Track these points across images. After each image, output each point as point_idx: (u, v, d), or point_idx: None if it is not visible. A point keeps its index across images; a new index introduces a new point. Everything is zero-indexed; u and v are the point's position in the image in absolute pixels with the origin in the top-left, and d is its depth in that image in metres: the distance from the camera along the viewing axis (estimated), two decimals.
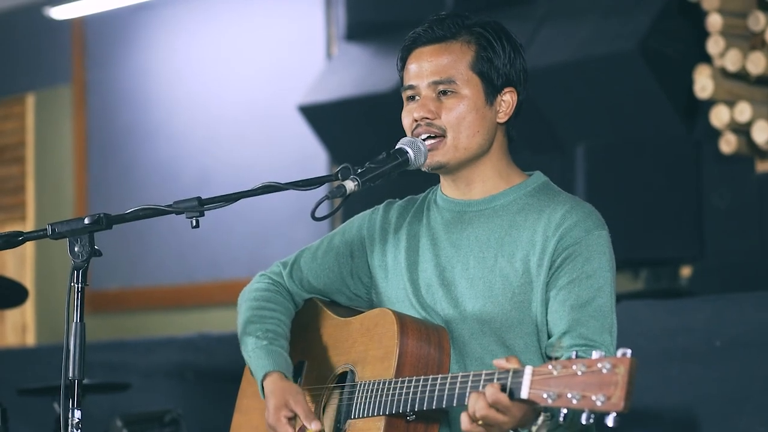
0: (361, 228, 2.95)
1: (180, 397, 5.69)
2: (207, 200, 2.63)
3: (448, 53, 2.76)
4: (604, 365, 2.20)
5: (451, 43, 2.77)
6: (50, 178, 8.34)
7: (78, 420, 2.55)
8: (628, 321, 4.23)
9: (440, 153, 2.75)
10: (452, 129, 2.74)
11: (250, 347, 2.85)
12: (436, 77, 2.75)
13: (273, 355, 2.82)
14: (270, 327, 2.88)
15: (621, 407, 2.17)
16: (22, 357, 6.67)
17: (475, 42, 2.77)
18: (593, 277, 2.68)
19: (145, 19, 7.86)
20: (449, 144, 2.74)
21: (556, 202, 2.76)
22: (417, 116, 2.75)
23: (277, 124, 7.26)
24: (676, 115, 5.25)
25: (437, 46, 2.77)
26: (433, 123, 2.75)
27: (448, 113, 2.74)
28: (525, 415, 2.36)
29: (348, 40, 6.46)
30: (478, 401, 2.36)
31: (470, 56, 2.76)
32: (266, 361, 2.81)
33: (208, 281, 7.54)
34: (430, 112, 2.75)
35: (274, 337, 2.86)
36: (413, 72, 2.78)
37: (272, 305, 2.94)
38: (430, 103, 2.75)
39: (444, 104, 2.75)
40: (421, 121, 2.75)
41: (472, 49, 2.76)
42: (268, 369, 2.79)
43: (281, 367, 2.80)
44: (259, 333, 2.86)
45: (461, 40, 2.77)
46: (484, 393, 2.35)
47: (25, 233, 2.67)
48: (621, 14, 5.31)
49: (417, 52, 2.80)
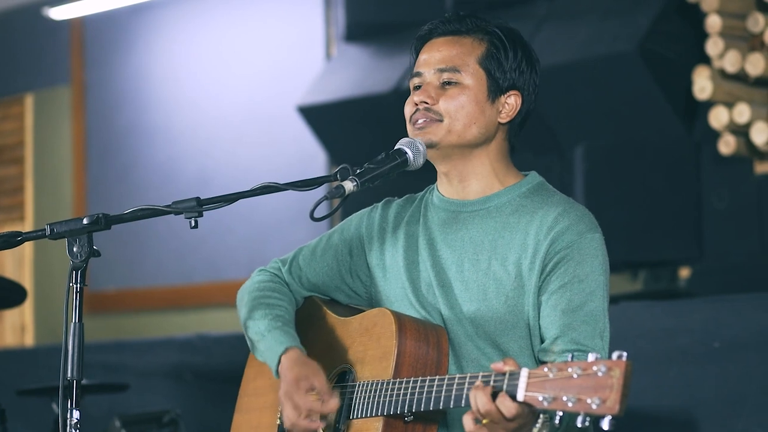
0: (360, 226, 2.95)
1: (178, 397, 5.69)
2: (206, 200, 2.63)
3: (459, 45, 2.79)
4: (599, 368, 2.20)
5: (464, 38, 2.80)
6: (49, 178, 8.34)
7: (76, 420, 2.55)
8: (627, 322, 4.23)
9: (432, 132, 2.75)
10: (449, 116, 2.75)
11: (264, 328, 2.82)
12: (442, 65, 2.77)
13: (290, 336, 2.81)
14: (279, 313, 2.87)
15: (616, 410, 2.17)
16: (20, 357, 6.67)
17: (488, 41, 2.79)
18: (585, 281, 2.67)
19: (145, 20, 7.86)
20: (443, 127, 2.75)
21: (550, 204, 2.76)
22: (417, 100, 2.76)
23: (277, 124, 7.26)
24: (675, 116, 5.26)
25: (450, 38, 2.80)
26: (431, 108, 2.76)
27: (448, 101, 2.75)
28: (523, 417, 2.36)
29: (347, 40, 6.46)
30: (479, 396, 2.36)
31: (480, 51, 2.78)
32: (285, 338, 2.79)
33: (206, 282, 7.54)
34: (430, 97, 2.76)
35: (286, 323, 2.85)
36: (423, 60, 2.81)
37: (277, 295, 2.94)
38: (432, 90, 2.77)
39: (446, 92, 2.76)
40: (420, 105, 2.76)
41: (484, 45, 2.79)
42: (288, 344, 2.77)
43: (300, 346, 2.79)
44: (270, 317, 2.85)
45: (474, 36, 2.80)
46: (481, 386, 2.35)
47: (24, 233, 2.67)
48: (620, 15, 5.32)
49: (430, 43, 2.82)
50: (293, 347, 2.77)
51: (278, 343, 2.78)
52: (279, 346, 2.78)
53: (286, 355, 2.76)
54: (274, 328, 2.82)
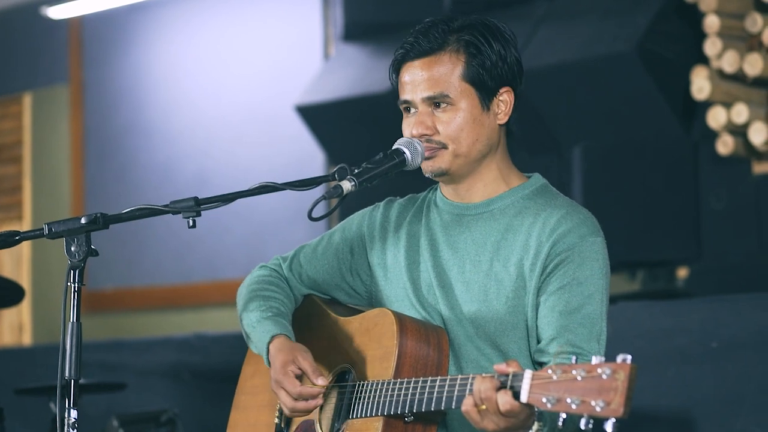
0: (361, 225, 2.95)
1: (176, 397, 5.69)
2: (204, 200, 2.63)
3: (438, 65, 2.74)
4: (604, 371, 2.19)
5: (440, 55, 2.74)
6: (47, 177, 8.34)
7: (74, 420, 2.55)
8: (625, 322, 4.23)
9: (441, 160, 2.74)
10: (452, 141, 2.73)
11: (255, 319, 2.85)
12: (429, 92, 2.73)
13: (279, 324, 2.83)
14: (274, 305, 2.89)
15: (620, 413, 2.16)
16: (18, 357, 6.66)
17: (464, 50, 2.74)
18: (584, 284, 2.67)
19: (143, 19, 7.86)
20: (450, 153, 2.74)
21: (553, 206, 2.76)
22: (416, 133, 2.73)
23: (275, 124, 7.26)
24: (673, 117, 5.26)
25: (426, 60, 2.74)
26: (432, 139, 2.74)
27: (446, 127, 2.73)
28: (517, 418, 2.36)
29: (345, 40, 6.46)
30: (484, 383, 2.36)
31: (461, 66, 2.73)
32: (273, 327, 2.81)
33: (204, 281, 7.54)
34: (428, 128, 2.73)
35: (278, 314, 2.87)
36: (407, 86, 2.76)
37: (275, 288, 2.95)
38: (427, 119, 2.74)
39: (440, 118, 2.73)
40: (421, 139, 2.74)
41: (462, 59, 2.73)
42: (275, 332, 2.79)
43: (288, 333, 2.81)
44: (263, 308, 2.87)
45: (449, 50, 2.74)
46: (491, 376, 2.36)
47: (22, 233, 2.67)
48: (619, 15, 5.31)
49: (407, 66, 2.77)
50: (279, 335, 2.79)
51: (266, 333, 2.81)
52: (266, 335, 2.80)
53: (272, 343, 2.78)
54: (264, 318, 2.84)
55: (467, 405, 2.40)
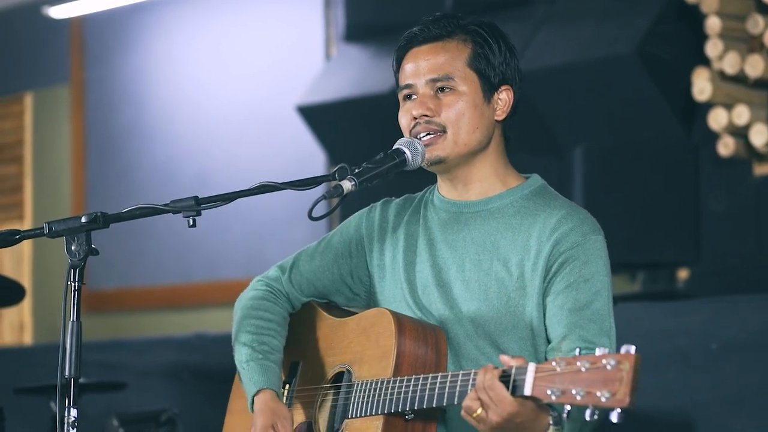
0: (359, 227, 2.94)
1: (176, 396, 5.69)
2: (204, 199, 2.63)
3: (445, 51, 2.76)
4: (608, 362, 2.20)
5: (448, 42, 2.77)
6: (48, 177, 8.34)
7: (74, 419, 2.55)
8: (625, 323, 4.21)
9: (439, 147, 2.74)
10: (452, 125, 2.74)
11: (244, 358, 2.83)
12: (433, 74, 2.75)
13: (266, 372, 2.81)
14: (266, 339, 2.86)
15: (626, 403, 2.17)
16: (18, 356, 6.67)
17: (471, 40, 2.77)
18: (591, 280, 2.68)
19: (144, 19, 7.86)
20: (449, 139, 2.74)
21: (552, 206, 2.76)
22: (416, 113, 2.74)
23: (276, 124, 7.26)
24: (674, 118, 5.25)
25: (434, 45, 2.78)
26: (432, 120, 2.74)
27: (447, 110, 2.74)
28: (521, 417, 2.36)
29: (347, 41, 6.46)
30: (488, 372, 2.36)
31: (467, 53, 2.76)
32: (259, 376, 2.79)
33: (204, 281, 7.54)
34: (429, 109, 2.74)
35: (269, 351, 2.84)
36: (410, 71, 2.78)
37: (269, 315, 2.92)
38: (429, 101, 2.75)
39: (442, 101, 2.75)
40: (420, 119, 2.74)
41: (469, 46, 2.77)
42: (261, 386, 2.78)
43: (274, 385, 2.79)
44: (255, 344, 2.84)
45: (457, 38, 2.78)
46: (491, 367, 2.36)
47: (22, 231, 2.67)
48: (619, 17, 5.31)
49: (413, 51, 2.80)
50: (265, 389, 2.78)
51: (252, 382, 2.79)
52: (252, 386, 2.79)
53: (258, 396, 2.77)
54: (252, 360, 2.82)
55: (469, 399, 2.40)
